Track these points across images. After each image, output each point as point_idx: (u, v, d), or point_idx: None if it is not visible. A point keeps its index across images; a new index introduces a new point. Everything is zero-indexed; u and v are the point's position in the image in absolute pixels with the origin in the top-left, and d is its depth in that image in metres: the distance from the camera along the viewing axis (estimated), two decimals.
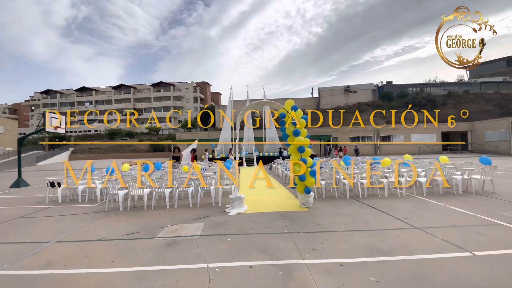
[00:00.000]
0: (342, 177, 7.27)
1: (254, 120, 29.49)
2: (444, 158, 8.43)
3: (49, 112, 10.86)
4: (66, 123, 11.89)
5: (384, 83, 52.99)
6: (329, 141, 28.35)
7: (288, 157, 22.90)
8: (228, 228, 4.66)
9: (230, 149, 21.19)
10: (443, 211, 5.38)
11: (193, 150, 21.90)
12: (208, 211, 5.88)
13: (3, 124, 38.45)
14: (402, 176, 7.33)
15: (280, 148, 23.12)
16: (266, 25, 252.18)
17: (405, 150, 32.65)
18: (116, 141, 51.72)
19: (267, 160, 20.22)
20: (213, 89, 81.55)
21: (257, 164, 20.26)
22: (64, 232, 4.84)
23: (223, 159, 20.37)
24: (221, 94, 79.05)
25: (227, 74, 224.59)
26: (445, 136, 34.60)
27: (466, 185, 7.50)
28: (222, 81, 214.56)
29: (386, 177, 7.33)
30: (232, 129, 25.08)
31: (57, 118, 11.27)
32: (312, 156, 18.92)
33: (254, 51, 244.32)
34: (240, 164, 20.42)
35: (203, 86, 75.87)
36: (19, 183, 11.16)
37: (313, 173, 5.75)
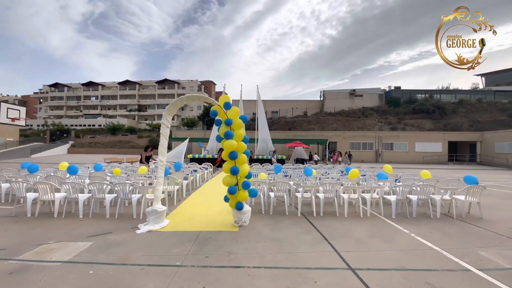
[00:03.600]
0: (298, 189, 6.16)
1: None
2: (425, 173, 7.20)
3: (3, 102, 10.12)
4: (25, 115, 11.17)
5: (392, 88, 51.09)
6: (325, 145, 27.01)
7: (281, 161, 21.71)
8: (113, 253, 3.65)
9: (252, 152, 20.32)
10: (403, 243, 4.21)
11: (221, 150, 20.58)
12: (120, 225, 4.90)
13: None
14: (368, 192, 6.14)
15: (272, 151, 21.91)
16: (279, 26, 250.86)
17: (408, 158, 31.04)
18: (116, 136, 51.64)
19: (258, 163, 19.11)
20: (220, 89, 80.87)
21: None
22: None
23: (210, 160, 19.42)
24: (226, 94, 78.21)
25: (238, 74, 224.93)
26: (453, 145, 32.68)
27: (448, 207, 6.26)
28: (232, 81, 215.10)
29: (352, 191, 6.17)
30: None
31: (16, 110, 10.52)
32: (302, 160, 17.69)
33: (266, 51, 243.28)
34: None
35: (207, 85, 75.39)
36: None
37: (246, 186, 4.68)
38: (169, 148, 33.34)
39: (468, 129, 35.01)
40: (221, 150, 20.52)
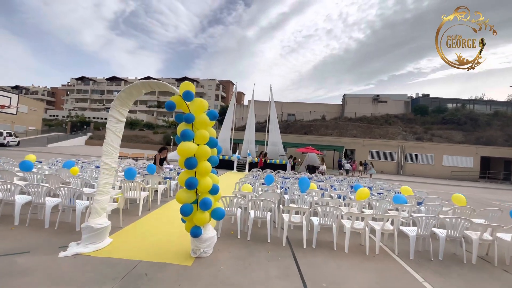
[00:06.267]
0: (283, 210, 4.85)
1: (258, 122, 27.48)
2: (458, 197, 5.62)
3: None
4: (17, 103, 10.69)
5: (420, 95, 47.81)
6: (342, 153, 25.16)
7: (291, 167, 20.09)
8: None
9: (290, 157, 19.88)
10: None
11: (264, 154, 19.30)
12: (50, 241, 3.86)
13: (28, 104, 40.11)
14: (381, 220, 4.73)
15: (292, 157, 20.34)
16: (304, 28, 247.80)
17: (434, 172, 28.41)
18: (133, 131, 52.41)
19: (263, 167, 17.74)
20: (240, 89, 79.72)
21: (249, 170, 18.01)
22: None
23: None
24: (244, 94, 77.36)
25: (260, 75, 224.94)
26: (485, 161, 29.53)
27: (487, 248, 4.70)
28: (254, 81, 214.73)
29: (358, 218, 4.78)
30: (232, 129, 23.12)
31: (7, 97, 10.04)
32: (314, 168, 16.11)
33: (289, 53, 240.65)
34: (231, 168, 18.36)
35: (226, 85, 75.01)
36: None
37: (204, 206, 3.47)
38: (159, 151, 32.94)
39: (503, 144, 31.59)
40: (261, 153, 19.33)
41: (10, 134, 27.60)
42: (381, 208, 5.48)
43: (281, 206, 5.01)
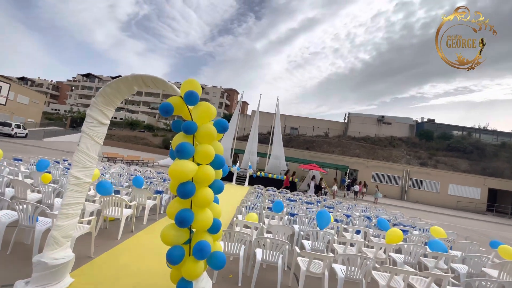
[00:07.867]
0: (301, 254, 3.87)
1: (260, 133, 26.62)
2: (506, 250, 4.63)
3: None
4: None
5: (425, 119, 47.22)
6: (346, 173, 24.18)
7: (293, 184, 18.96)
8: None
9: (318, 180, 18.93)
10: None
11: (293, 173, 18.36)
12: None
13: (29, 96, 39.42)
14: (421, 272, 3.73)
15: (315, 177, 19.31)
16: (312, 45, 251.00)
17: (439, 201, 27.31)
18: (133, 132, 51.57)
19: (266, 183, 16.47)
20: (244, 98, 79.27)
21: (249, 184, 16.98)
22: None
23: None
24: (248, 104, 76.93)
25: (264, 87, 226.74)
26: (493, 193, 28.49)
27: None
28: (258, 92, 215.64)
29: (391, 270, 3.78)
30: (234, 138, 22.19)
31: None
32: (319, 188, 15.01)
33: (295, 68, 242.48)
34: (229, 180, 17.31)
35: (230, 93, 74.70)
36: None
37: (200, 253, 2.49)
38: None
39: (510, 176, 30.64)
40: (288, 172, 18.33)
41: (18, 126, 27.40)
42: (414, 255, 4.50)
43: (296, 248, 4.02)
